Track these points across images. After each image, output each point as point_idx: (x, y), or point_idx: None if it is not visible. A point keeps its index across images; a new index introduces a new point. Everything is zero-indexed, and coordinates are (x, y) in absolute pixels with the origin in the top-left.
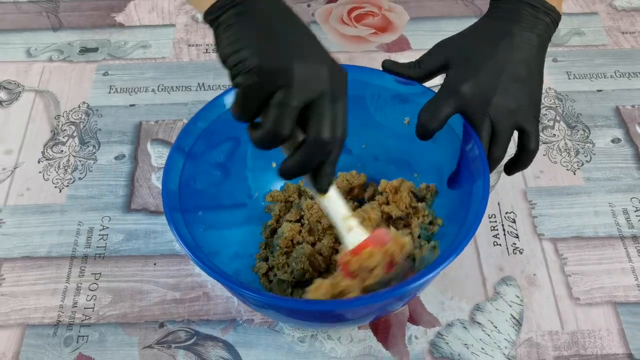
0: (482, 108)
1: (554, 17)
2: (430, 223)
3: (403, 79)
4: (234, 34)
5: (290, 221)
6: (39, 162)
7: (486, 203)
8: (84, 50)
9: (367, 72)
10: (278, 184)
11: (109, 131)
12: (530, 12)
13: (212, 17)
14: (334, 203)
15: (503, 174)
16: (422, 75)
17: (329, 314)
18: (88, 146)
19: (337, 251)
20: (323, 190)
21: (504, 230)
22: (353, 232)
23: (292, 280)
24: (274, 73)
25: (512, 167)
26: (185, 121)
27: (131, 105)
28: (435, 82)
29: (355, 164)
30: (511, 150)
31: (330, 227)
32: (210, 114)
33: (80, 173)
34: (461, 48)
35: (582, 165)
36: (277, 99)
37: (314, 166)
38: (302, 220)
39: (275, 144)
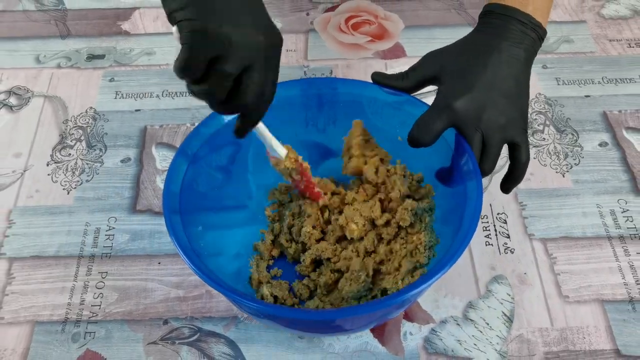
0: (474, 123)
1: (540, 34)
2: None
3: (392, 90)
4: None
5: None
6: (47, 165)
7: (480, 209)
8: (91, 57)
9: (360, 86)
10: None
11: (115, 135)
12: (518, 28)
13: None
14: (263, 132)
15: (495, 177)
16: (410, 87)
17: (326, 324)
18: (95, 150)
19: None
20: (241, 133)
21: (495, 230)
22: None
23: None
24: (216, 38)
25: (507, 183)
26: (189, 125)
27: (136, 110)
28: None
29: None
30: (501, 161)
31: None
32: (216, 121)
33: (88, 175)
34: (452, 63)
35: (570, 168)
36: (218, 65)
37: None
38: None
39: (212, 106)
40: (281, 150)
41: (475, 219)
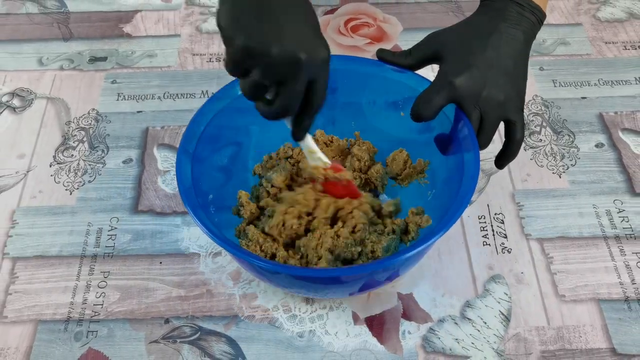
0: (473, 100)
1: (539, 16)
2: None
3: (396, 67)
4: (231, 10)
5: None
6: (50, 165)
7: (477, 177)
8: (93, 59)
9: (364, 63)
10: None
11: (117, 136)
12: (517, 10)
13: None
14: (308, 141)
15: (492, 177)
16: (413, 64)
17: (325, 279)
18: (97, 151)
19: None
20: (301, 138)
21: (493, 230)
22: (316, 157)
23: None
24: (255, 55)
25: (502, 159)
26: None
27: (138, 112)
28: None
29: None
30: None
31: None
32: (207, 116)
33: (90, 176)
34: (453, 42)
35: (567, 169)
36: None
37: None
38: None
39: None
40: (325, 158)
41: (472, 186)
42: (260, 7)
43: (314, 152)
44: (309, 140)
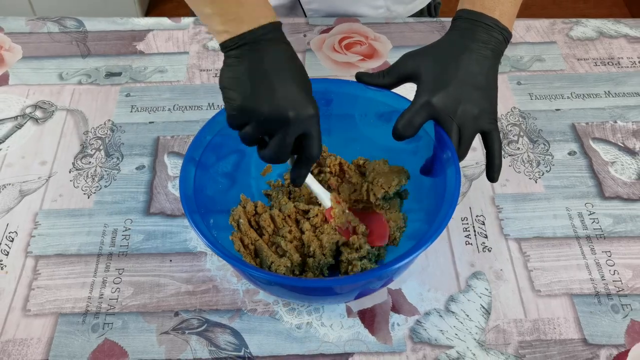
0: (450, 115)
1: (506, 36)
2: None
3: (374, 87)
4: (230, 74)
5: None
6: (70, 172)
7: (459, 187)
8: (109, 74)
9: (355, 86)
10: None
11: (130, 145)
12: (486, 30)
13: (223, 51)
14: (312, 183)
15: (474, 183)
16: (389, 83)
17: (322, 289)
18: (112, 158)
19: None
20: (299, 184)
21: (474, 231)
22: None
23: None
24: (249, 113)
25: (490, 172)
26: None
27: (150, 123)
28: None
29: None
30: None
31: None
32: (215, 127)
33: (106, 182)
34: (428, 62)
35: (542, 175)
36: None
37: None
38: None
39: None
40: (326, 200)
41: (455, 197)
42: (256, 71)
43: (314, 192)
44: (309, 182)
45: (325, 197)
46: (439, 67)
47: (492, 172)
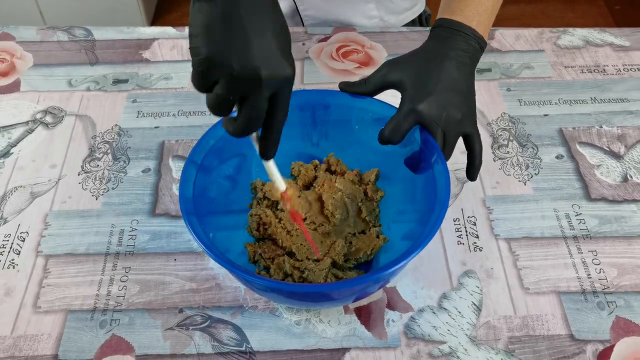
0: (436, 121)
1: (482, 44)
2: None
3: (356, 95)
4: (200, 19)
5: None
6: (78, 174)
7: (449, 191)
8: (116, 81)
9: (349, 97)
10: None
11: (137, 149)
12: (464, 39)
13: None
14: (269, 164)
15: (466, 185)
16: (369, 91)
17: (320, 295)
18: (119, 161)
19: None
20: (271, 155)
21: (466, 231)
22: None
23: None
24: (217, 67)
25: (470, 171)
26: None
27: (155, 127)
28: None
29: None
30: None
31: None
32: (218, 132)
33: (113, 184)
34: (411, 70)
35: (531, 177)
36: (218, 90)
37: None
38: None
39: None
40: (281, 184)
41: (446, 199)
42: (231, 20)
43: (272, 174)
44: (270, 163)
45: (280, 180)
46: (422, 75)
47: (473, 171)
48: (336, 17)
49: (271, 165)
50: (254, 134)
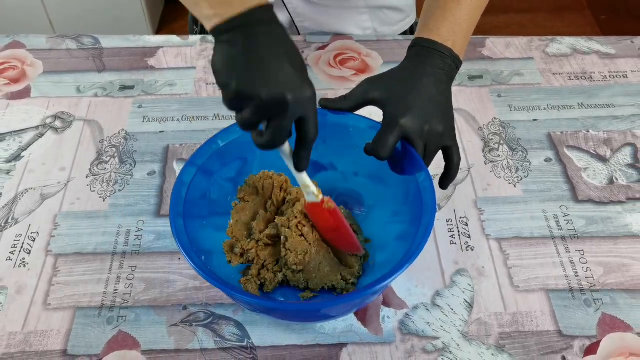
0: (418, 134)
1: (457, 63)
2: None
3: (336, 111)
4: (224, 58)
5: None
6: (87, 177)
7: (435, 200)
8: (123, 87)
9: (343, 116)
10: None
11: (142, 153)
12: (441, 58)
13: (213, 36)
14: (303, 176)
15: (458, 187)
16: (350, 107)
17: (313, 313)
18: (126, 164)
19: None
20: (304, 167)
21: (458, 231)
22: (310, 191)
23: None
24: (247, 97)
25: (445, 180)
26: None
27: (160, 132)
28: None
29: (339, 178)
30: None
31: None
32: (223, 137)
33: (120, 186)
34: (393, 87)
35: (521, 180)
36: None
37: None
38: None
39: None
40: (315, 193)
41: (433, 209)
42: (250, 54)
43: (308, 186)
44: (304, 175)
45: (314, 189)
46: (402, 91)
47: (447, 181)
48: (331, 28)
49: (304, 176)
50: (286, 149)
